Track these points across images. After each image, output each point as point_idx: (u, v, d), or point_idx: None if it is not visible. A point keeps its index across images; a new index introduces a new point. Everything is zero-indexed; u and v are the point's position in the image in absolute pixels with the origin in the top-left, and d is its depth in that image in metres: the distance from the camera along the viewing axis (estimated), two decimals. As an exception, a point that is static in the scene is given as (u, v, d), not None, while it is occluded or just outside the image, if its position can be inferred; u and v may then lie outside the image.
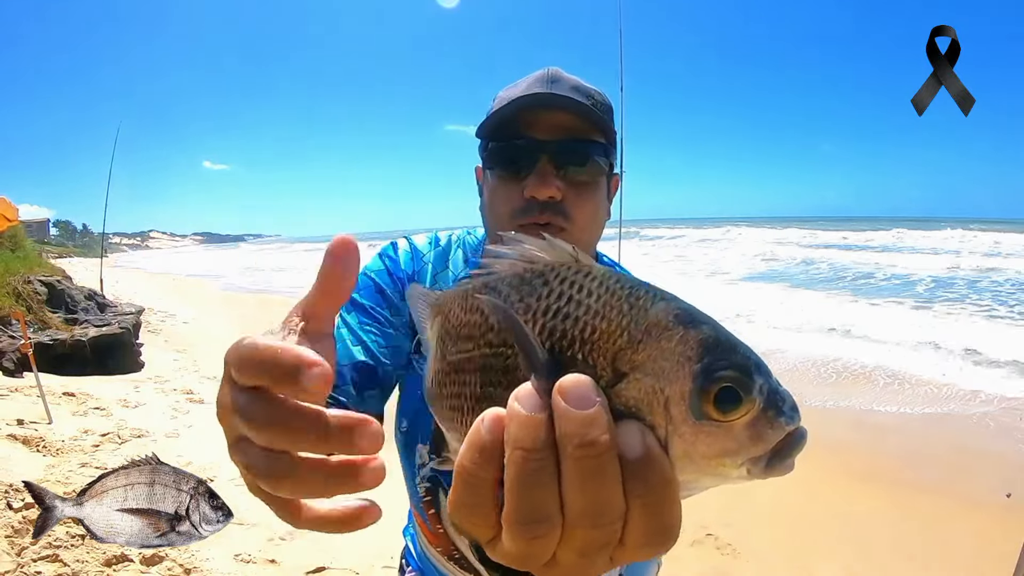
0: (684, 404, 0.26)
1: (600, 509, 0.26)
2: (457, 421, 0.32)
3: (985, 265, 12.71)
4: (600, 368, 0.27)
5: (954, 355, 5.83)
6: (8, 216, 5.00)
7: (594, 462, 0.26)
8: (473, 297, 0.31)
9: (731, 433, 0.26)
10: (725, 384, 0.26)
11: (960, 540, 2.79)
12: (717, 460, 0.27)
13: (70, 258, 27.04)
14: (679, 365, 0.26)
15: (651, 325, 0.27)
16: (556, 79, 0.80)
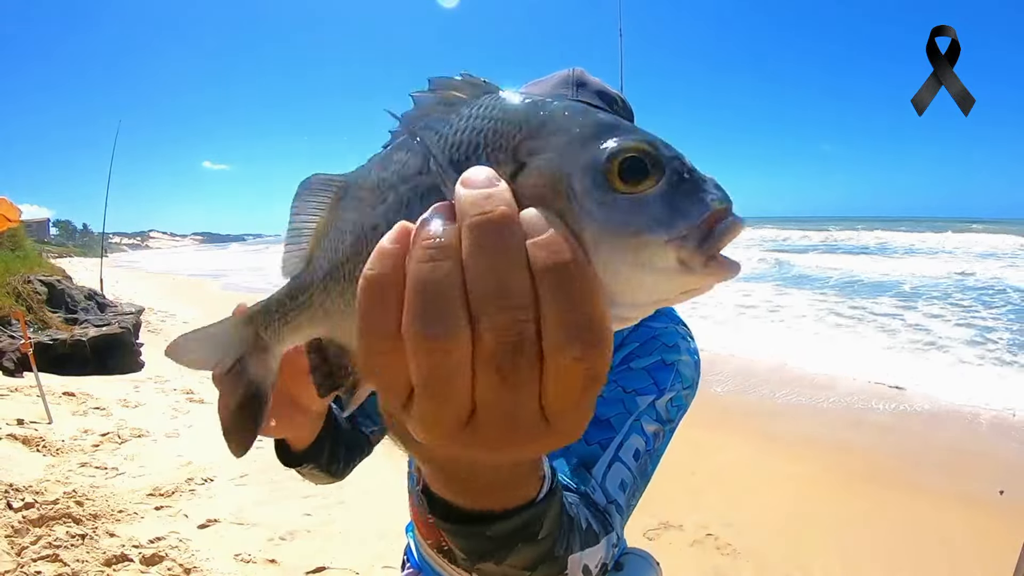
0: (588, 179, 0.25)
1: (505, 289, 0.24)
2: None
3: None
4: (502, 163, 0.26)
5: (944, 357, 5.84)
6: (9, 217, 5.00)
7: (492, 233, 0.24)
8: (393, 151, 0.31)
9: (643, 204, 0.24)
10: (629, 154, 0.25)
11: (959, 539, 2.79)
12: (635, 238, 0.24)
13: (70, 258, 27.07)
14: (580, 144, 0.25)
15: (549, 117, 0.27)
16: (581, 83, 0.78)
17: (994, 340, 6.42)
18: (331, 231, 0.33)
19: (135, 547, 2.52)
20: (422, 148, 0.29)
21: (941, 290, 10.44)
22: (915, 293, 10.18)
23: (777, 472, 3.51)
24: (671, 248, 0.24)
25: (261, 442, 2.25)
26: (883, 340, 6.70)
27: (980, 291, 10.18)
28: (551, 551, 0.46)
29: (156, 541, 2.60)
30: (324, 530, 2.79)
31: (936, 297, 9.63)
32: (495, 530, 0.40)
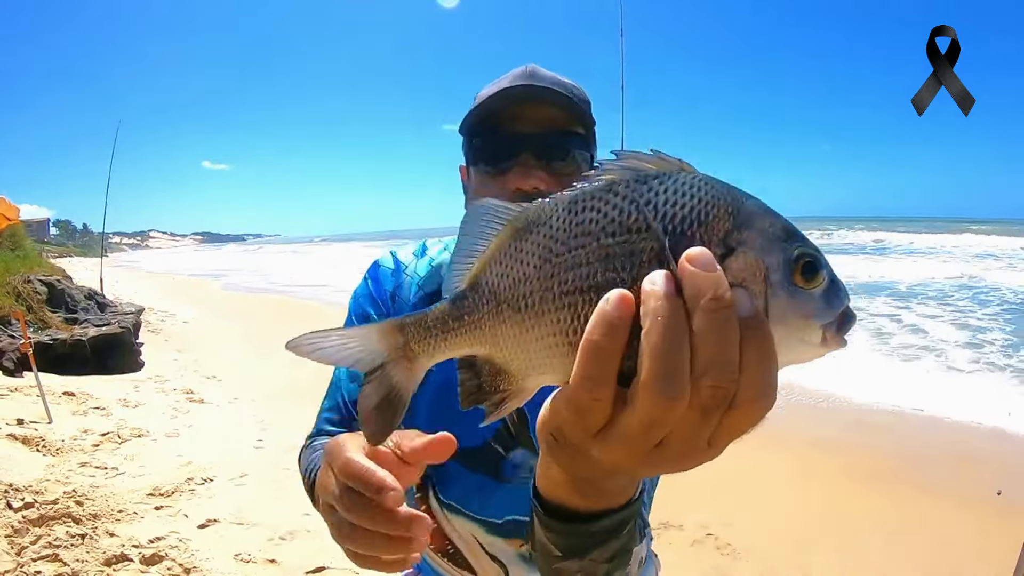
0: (780, 273, 0.32)
1: (726, 358, 0.30)
2: (568, 316, 0.34)
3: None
4: (713, 246, 0.32)
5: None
6: (9, 216, 5.00)
7: (722, 314, 0.30)
8: (586, 202, 0.35)
9: (812, 299, 0.33)
10: (808, 259, 0.33)
11: (959, 540, 2.79)
12: (804, 321, 0.33)
13: (70, 258, 27.07)
14: (773, 243, 0.33)
15: (750, 213, 0.33)
16: (534, 75, 0.81)
17: (989, 342, 6.43)
18: (505, 259, 0.36)
19: (135, 547, 2.52)
20: (635, 208, 0.33)
21: (936, 290, 10.46)
22: (911, 294, 10.20)
23: (777, 472, 3.52)
24: (822, 330, 0.33)
25: (261, 442, 2.28)
26: (878, 344, 6.70)
27: (976, 291, 10.20)
28: (628, 544, 0.52)
29: (156, 541, 2.60)
30: (324, 530, 2.75)
31: (932, 297, 9.64)
32: (599, 526, 0.46)
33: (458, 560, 0.89)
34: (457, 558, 0.89)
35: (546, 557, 0.51)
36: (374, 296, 0.92)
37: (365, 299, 0.92)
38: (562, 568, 0.50)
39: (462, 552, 0.88)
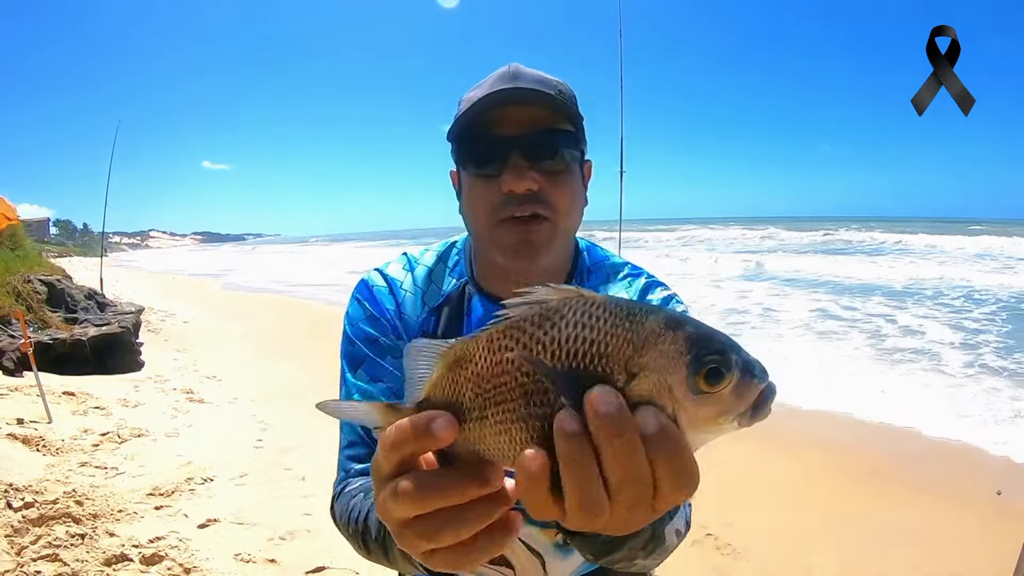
0: (684, 386, 0.35)
1: (635, 476, 0.35)
2: (504, 441, 0.39)
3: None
4: (616, 373, 0.36)
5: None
6: (9, 216, 5.00)
7: (625, 440, 0.34)
8: (500, 341, 0.39)
9: (721, 400, 0.35)
10: (711, 366, 0.35)
11: (959, 539, 2.79)
12: (715, 421, 0.36)
13: (70, 257, 27.05)
14: (674, 360, 0.35)
15: (648, 334, 0.36)
16: (517, 75, 0.81)
17: (984, 343, 6.44)
18: (446, 387, 0.42)
19: (135, 547, 2.53)
20: (541, 348, 0.37)
21: (932, 288, 10.47)
22: (906, 293, 10.21)
23: (777, 472, 3.52)
24: (736, 420, 0.36)
25: (261, 442, 2.28)
26: (872, 349, 6.70)
27: (969, 291, 10.21)
28: (654, 533, 0.59)
29: (156, 541, 2.60)
30: (324, 530, 2.79)
31: (928, 298, 9.65)
32: (610, 536, 0.50)
33: (494, 557, 0.89)
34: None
35: (588, 557, 0.58)
36: (375, 315, 0.90)
37: (365, 322, 0.90)
38: (608, 561, 0.57)
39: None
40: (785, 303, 9.43)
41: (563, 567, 0.89)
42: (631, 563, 0.60)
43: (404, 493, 0.39)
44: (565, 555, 0.88)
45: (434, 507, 0.39)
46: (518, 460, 0.37)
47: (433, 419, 0.39)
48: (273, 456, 3.69)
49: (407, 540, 0.41)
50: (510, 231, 0.79)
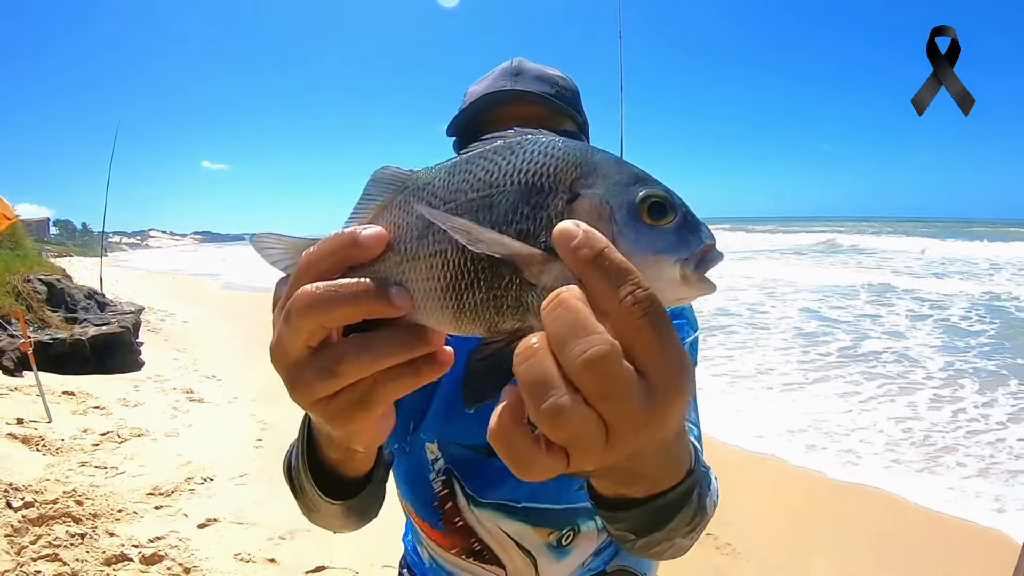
0: (625, 211, 0.34)
1: (583, 327, 0.29)
2: (439, 261, 0.36)
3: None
4: (559, 191, 0.35)
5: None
6: (8, 216, 5.00)
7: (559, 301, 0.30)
8: (462, 166, 0.38)
9: (663, 234, 0.34)
10: (655, 199, 0.35)
11: (959, 539, 2.79)
12: (655, 256, 0.34)
13: (70, 257, 27.02)
14: (620, 187, 0.35)
15: (597, 163, 0.36)
16: (519, 71, 0.81)
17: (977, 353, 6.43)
18: (395, 211, 0.40)
19: (135, 546, 2.53)
20: (496, 168, 0.37)
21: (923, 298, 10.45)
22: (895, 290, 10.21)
23: (777, 472, 3.52)
24: (677, 266, 0.34)
25: (261, 442, 2.28)
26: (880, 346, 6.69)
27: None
28: (700, 504, 0.54)
29: (156, 540, 2.60)
30: (324, 530, 2.79)
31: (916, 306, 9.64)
32: (665, 500, 0.44)
33: (485, 556, 0.88)
34: (484, 554, 0.88)
35: (626, 543, 0.52)
36: None
37: None
38: (647, 543, 0.52)
39: (490, 547, 0.88)
40: (779, 307, 9.43)
41: (557, 569, 0.88)
42: (670, 543, 0.54)
43: (298, 303, 0.34)
44: (559, 557, 0.87)
45: (331, 318, 0.34)
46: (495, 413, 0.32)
47: (364, 228, 0.36)
48: (273, 456, 3.68)
49: (303, 385, 0.36)
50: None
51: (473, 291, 0.35)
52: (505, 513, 0.85)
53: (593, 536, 0.88)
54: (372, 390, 0.36)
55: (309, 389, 0.36)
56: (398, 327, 0.36)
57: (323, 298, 0.34)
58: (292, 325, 0.35)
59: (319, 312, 0.34)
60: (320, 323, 0.34)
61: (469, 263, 0.35)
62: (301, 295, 0.35)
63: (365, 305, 0.34)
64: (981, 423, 4.12)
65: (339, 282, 0.35)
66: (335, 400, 0.36)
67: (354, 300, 0.34)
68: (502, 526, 0.86)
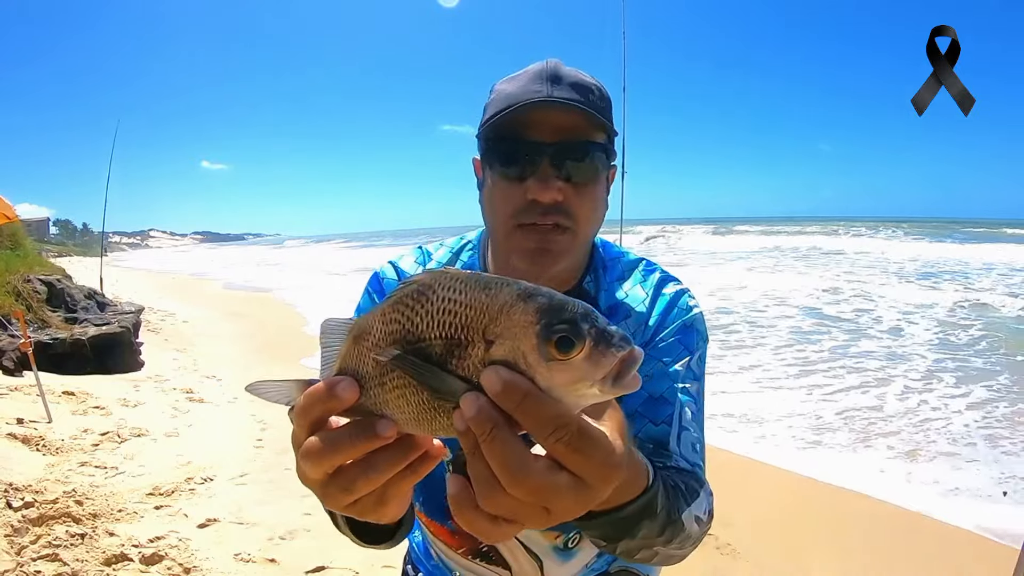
0: (535, 353, 0.37)
1: (510, 454, 0.37)
2: (403, 403, 0.42)
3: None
4: (476, 341, 0.38)
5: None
6: (8, 215, 5.00)
7: (492, 438, 0.37)
8: (390, 315, 0.42)
9: (574, 366, 0.36)
10: (560, 335, 0.36)
11: (959, 539, 2.79)
12: (572, 387, 0.37)
13: (70, 257, 27.02)
14: (525, 328, 0.37)
15: (502, 304, 0.38)
16: (556, 76, 0.78)
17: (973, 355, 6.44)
18: (352, 359, 0.45)
19: (135, 546, 2.53)
20: (420, 320, 0.41)
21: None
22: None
23: (777, 472, 3.52)
24: (595, 386, 0.37)
25: (261, 442, 2.28)
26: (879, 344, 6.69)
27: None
28: (670, 517, 0.60)
29: (156, 540, 2.60)
30: (324, 530, 2.79)
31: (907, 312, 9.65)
32: (625, 513, 0.52)
33: (491, 557, 0.88)
34: (490, 555, 0.88)
35: (606, 549, 0.59)
36: None
37: None
38: (626, 550, 0.58)
39: (496, 549, 0.88)
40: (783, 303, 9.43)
41: (562, 571, 0.88)
42: (652, 551, 0.60)
43: (309, 451, 0.42)
44: (565, 559, 0.87)
45: (335, 460, 0.42)
46: (448, 489, 0.40)
47: (336, 383, 0.42)
48: (273, 456, 3.69)
49: (331, 497, 0.44)
50: (529, 237, 0.78)
51: (437, 417, 0.40)
52: None
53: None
54: (385, 491, 0.44)
55: (336, 500, 0.45)
56: (392, 444, 0.42)
57: (327, 451, 0.42)
58: (310, 465, 0.43)
59: (328, 460, 0.42)
60: (330, 465, 0.42)
61: (426, 398, 0.40)
62: (311, 446, 0.42)
63: (361, 447, 0.41)
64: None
65: (337, 438, 0.42)
66: (359, 502, 0.45)
67: (351, 446, 0.41)
68: None
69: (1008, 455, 3.64)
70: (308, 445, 0.42)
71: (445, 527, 0.90)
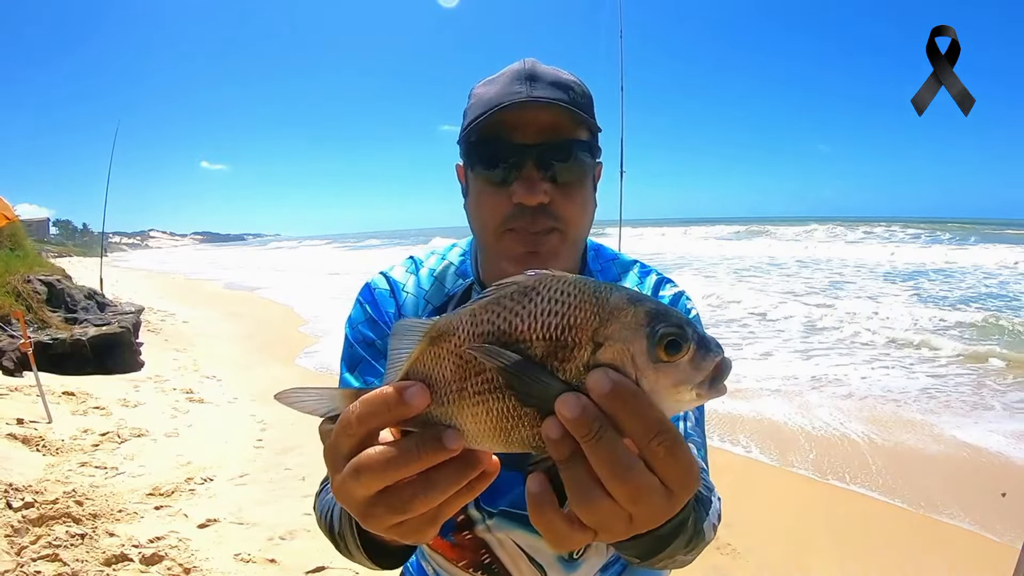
0: (644, 356, 0.38)
1: (620, 462, 0.36)
2: (482, 413, 0.40)
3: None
4: (583, 343, 0.39)
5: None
6: (7, 215, 5.00)
7: (606, 440, 0.37)
8: (481, 315, 0.41)
9: (680, 368, 0.38)
10: (670, 338, 0.38)
11: (959, 540, 2.79)
12: (674, 389, 0.38)
13: (70, 257, 27.02)
14: (636, 331, 0.38)
15: (613, 308, 0.39)
16: (534, 75, 0.77)
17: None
18: (427, 362, 0.43)
19: (135, 547, 2.53)
20: (520, 320, 0.40)
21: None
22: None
23: (777, 472, 3.52)
24: (695, 391, 0.38)
25: (261, 442, 2.29)
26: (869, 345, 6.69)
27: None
28: (696, 528, 0.60)
29: (156, 541, 2.60)
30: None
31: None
32: (664, 530, 0.53)
33: (494, 569, 0.87)
34: (493, 567, 0.87)
35: (633, 564, 0.60)
36: (374, 319, 0.89)
37: (364, 325, 0.89)
38: (651, 562, 0.58)
39: (500, 560, 0.86)
40: (784, 306, 9.43)
41: None
42: (672, 560, 0.61)
43: (367, 465, 0.38)
44: (569, 570, 0.85)
45: (398, 476, 0.39)
46: (527, 487, 0.39)
47: (406, 387, 0.40)
48: (273, 456, 3.69)
49: (375, 518, 0.41)
50: (518, 241, 0.77)
51: (518, 427, 0.39)
52: (518, 523, 0.83)
53: (602, 550, 0.87)
54: (439, 511, 0.41)
55: (380, 521, 0.41)
56: (454, 460, 0.40)
57: (388, 465, 0.38)
58: (363, 482, 0.39)
59: (387, 475, 0.39)
60: (390, 481, 0.39)
61: (510, 406, 0.39)
62: (371, 459, 0.39)
63: (428, 461, 0.39)
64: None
65: (406, 451, 0.39)
66: (406, 523, 0.41)
67: (416, 459, 0.38)
68: (514, 537, 0.84)
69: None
70: (364, 458, 0.39)
71: (446, 540, 0.87)
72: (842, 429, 4.07)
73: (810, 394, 4.81)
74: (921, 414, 4.35)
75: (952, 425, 4.10)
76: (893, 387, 5.00)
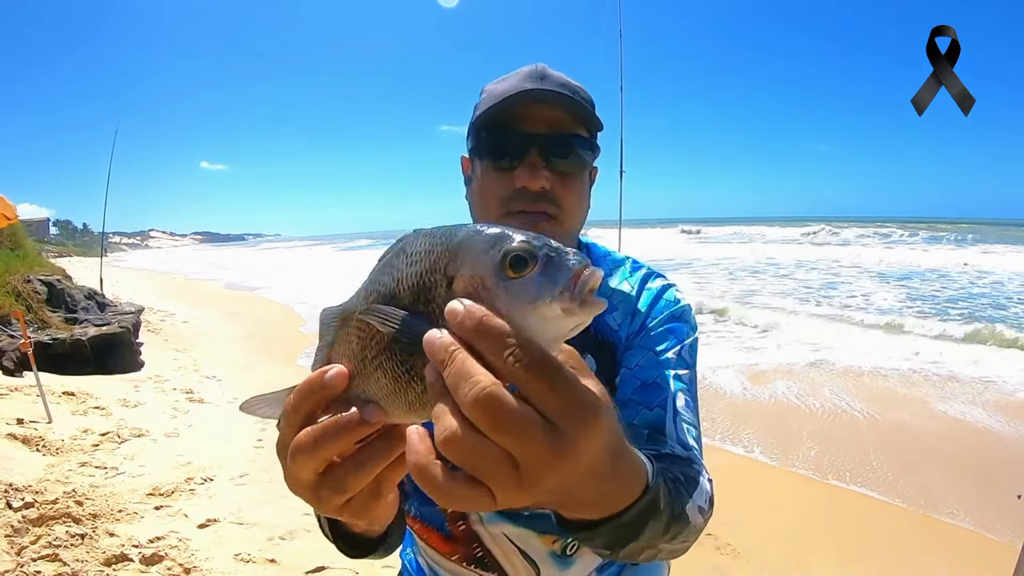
0: (493, 278, 0.37)
1: (465, 371, 0.33)
2: (382, 379, 0.41)
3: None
4: (439, 283, 0.39)
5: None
6: (8, 215, 5.00)
7: (457, 362, 0.34)
8: (369, 288, 0.43)
9: (530, 283, 0.37)
10: (513, 254, 0.37)
11: (959, 540, 2.79)
12: (532, 306, 0.36)
13: (70, 257, 27.03)
14: (482, 255, 0.38)
15: (460, 241, 0.39)
16: (544, 75, 0.85)
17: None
18: (341, 342, 0.45)
19: (135, 547, 2.53)
20: (392, 280, 0.42)
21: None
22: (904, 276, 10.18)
23: (777, 472, 3.52)
24: (555, 303, 0.36)
25: (261, 442, 2.29)
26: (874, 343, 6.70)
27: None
28: (673, 513, 0.57)
29: (156, 541, 2.60)
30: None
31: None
32: (627, 518, 0.47)
33: (487, 564, 0.87)
34: (486, 561, 0.87)
35: (606, 557, 0.55)
36: None
37: None
38: (628, 554, 0.54)
39: (492, 554, 0.87)
40: (783, 304, 9.42)
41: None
42: (655, 550, 0.57)
43: (298, 447, 0.41)
44: (564, 566, 0.86)
45: (327, 453, 0.41)
46: (407, 435, 0.37)
47: (327, 370, 0.42)
48: (273, 456, 3.60)
49: (324, 500, 0.43)
50: (517, 225, 0.80)
51: (412, 387, 0.39)
52: (509, 518, 0.84)
53: None
54: (378, 484, 0.43)
55: (329, 503, 0.43)
56: (379, 437, 0.41)
57: (318, 440, 0.40)
58: (299, 463, 0.41)
59: (318, 452, 0.41)
60: (321, 459, 0.41)
61: (399, 367, 0.40)
62: (301, 441, 0.41)
63: (350, 435, 0.40)
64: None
65: (326, 425, 0.41)
66: (352, 502, 0.43)
67: (340, 434, 0.40)
68: (506, 531, 0.85)
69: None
70: (296, 441, 0.41)
71: (440, 533, 0.88)
72: (841, 428, 4.08)
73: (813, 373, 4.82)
74: (906, 388, 4.35)
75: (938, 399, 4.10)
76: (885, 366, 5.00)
